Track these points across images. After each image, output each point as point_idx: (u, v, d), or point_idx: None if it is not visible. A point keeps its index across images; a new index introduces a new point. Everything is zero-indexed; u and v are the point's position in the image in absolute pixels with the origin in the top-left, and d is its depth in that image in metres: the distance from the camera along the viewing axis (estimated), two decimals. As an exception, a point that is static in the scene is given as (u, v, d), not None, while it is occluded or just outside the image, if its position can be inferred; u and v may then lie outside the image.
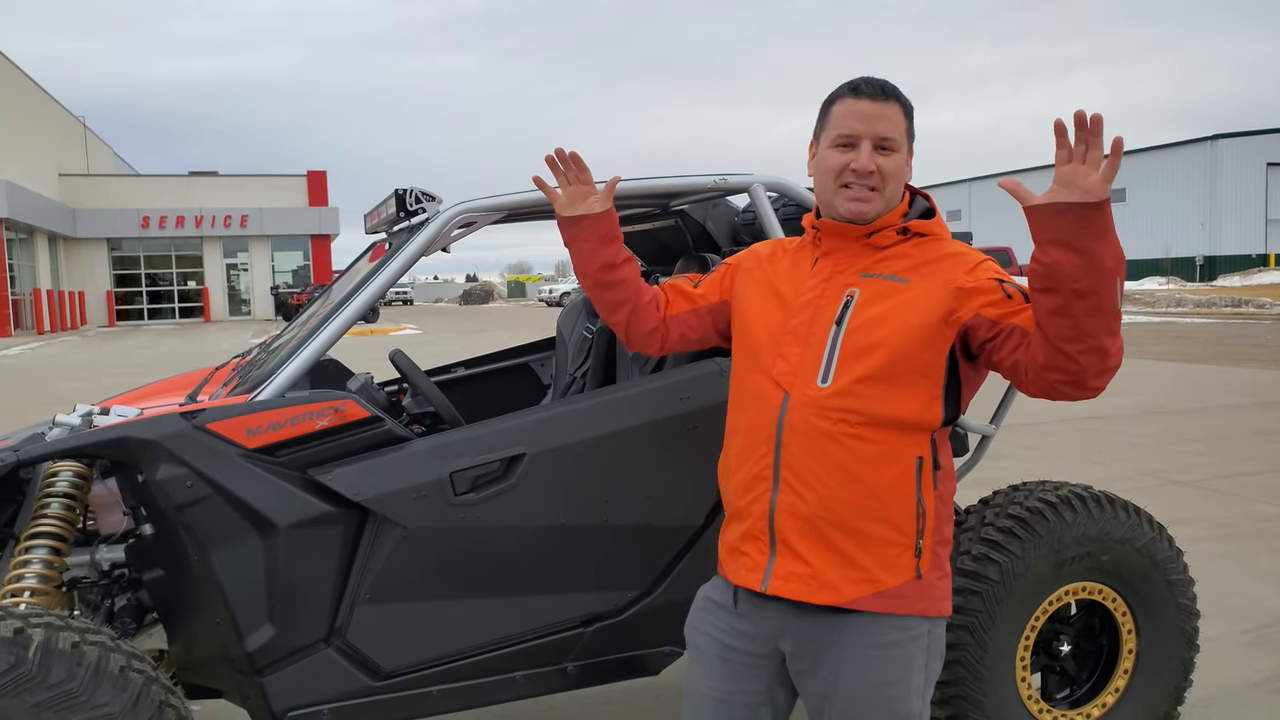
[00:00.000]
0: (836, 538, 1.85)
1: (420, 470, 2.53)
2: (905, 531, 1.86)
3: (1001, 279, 1.88)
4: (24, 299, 34.44)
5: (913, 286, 1.88)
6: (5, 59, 34.69)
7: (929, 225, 1.96)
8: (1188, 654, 2.90)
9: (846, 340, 1.87)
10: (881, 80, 1.91)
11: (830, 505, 1.85)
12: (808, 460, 1.86)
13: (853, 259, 1.96)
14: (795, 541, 1.88)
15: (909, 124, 1.93)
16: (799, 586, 1.87)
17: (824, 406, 1.85)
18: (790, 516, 1.88)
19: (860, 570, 1.85)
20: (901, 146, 1.91)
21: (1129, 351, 16.53)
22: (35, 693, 1.93)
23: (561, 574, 2.67)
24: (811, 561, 1.86)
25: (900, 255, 1.93)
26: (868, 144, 1.88)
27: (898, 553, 1.86)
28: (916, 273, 1.90)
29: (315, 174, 45.24)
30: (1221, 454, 7.82)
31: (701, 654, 2.02)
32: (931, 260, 1.92)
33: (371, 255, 3.65)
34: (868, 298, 1.90)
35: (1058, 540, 2.70)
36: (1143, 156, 46.64)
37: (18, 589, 2.40)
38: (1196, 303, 29.72)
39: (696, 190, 2.97)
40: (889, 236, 1.94)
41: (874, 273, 1.92)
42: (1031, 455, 7.95)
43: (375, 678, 2.56)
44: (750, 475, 1.94)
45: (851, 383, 1.84)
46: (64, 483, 2.68)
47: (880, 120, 1.88)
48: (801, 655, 1.91)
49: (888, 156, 1.89)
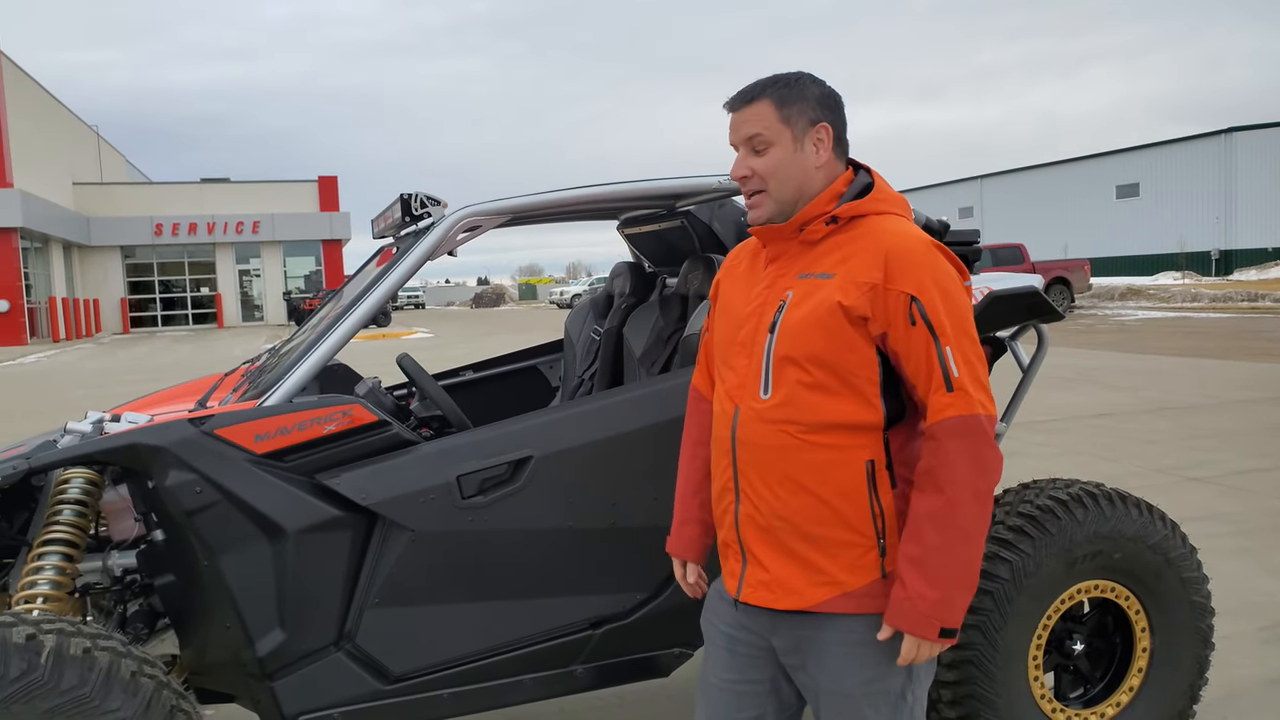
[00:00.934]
0: (795, 544, 1.85)
1: (428, 474, 2.54)
2: (864, 533, 1.83)
3: (915, 295, 1.76)
4: (39, 307, 34.66)
5: (834, 282, 1.81)
6: (18, 70, 34.92)
7: (860, 205, 1.86)
8: (1202, 652, 2.88)
9: (777, 347, 1.84)
10: (754, 83, 1.89)
11: (783, 515, 1.85)
12: (759, 472, 1.86)
13: (793, 260, 1.91)
14: (758, 550, 1.89)
15: (787, 109, 1.84)
16: (765, 594, 1.89)
17: (767, 419, 1.84)
18: (750, 526, 1.90)
19: (822, 574, 1.84)
20: (777, 139, 1.84)
21: (1142, 347, 16.45)
22: (47, 698, 1.95)
23: (570, 576, 2.67)
24: (772, 569, 1.88)
25: (833, 248, 1.86)
26: (742, 150, 1.88)
27: (859, 554, 1.84)
28: (843, 266, 1.82)
29: (326, 179, 45.43)
30: (1236, 450, 7.76)
31: (712, 645, 2.05)
32: (857, 251, 1.82)
33: (379, 260, 3.66)
34: (797, 300, 1.85)
35: (1069, 538, 2.68)
36: (1156, 150, 46.34)
37: (31, 595, 2.41)
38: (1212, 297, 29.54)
39: (701, 191, 2.97)
40: (818, 229, 1.87)
41: (809, 272, 1.86)
42: (1044, 452, 7.92)
43: (385, 681, 2.57)
44: (719, 487, 1.97)
45: (788, 393, 1.82)
46: (76, 489, 2.69)
47: (743, 125, 1.87)
48: (790, 652, 1.93)
49: (761, 155, 1.86)
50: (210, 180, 46.47)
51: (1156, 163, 46.41)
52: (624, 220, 3.86)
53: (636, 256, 4.10)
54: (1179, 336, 18.45)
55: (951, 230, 3.00)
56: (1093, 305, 30.95)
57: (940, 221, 2.91)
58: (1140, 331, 20.22)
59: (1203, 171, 44.16)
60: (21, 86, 35.17)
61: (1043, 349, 3.21)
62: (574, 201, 2.90)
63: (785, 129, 1.85)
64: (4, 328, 31.60)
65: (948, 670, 2.65)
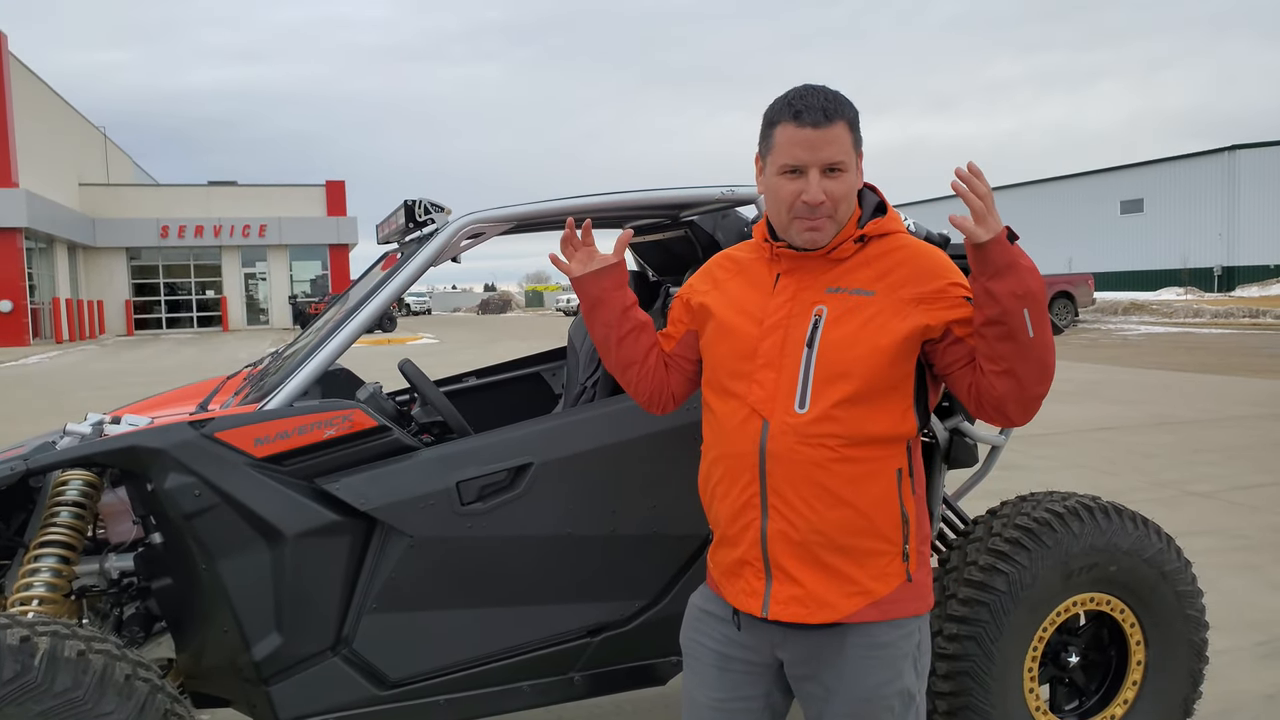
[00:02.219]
0: (829, 557, 1.85)
1: (427, 480, 2.54)
2: (893, 540, 1.87)
3: (960, 283, 1.89)
4: (43, 308, 34.72)
5: (879, 300, 1.85)
6: (26, 70, 35.06)
7: (884, 224, 1.92)
8: (1196, 666, 2.88)
9: (820, 363, 1.84)
10: (823, 97, 1.81)
11: (820, 528, 1.84)
12: (794, 486, 1.84)
13: (816, 275, 1.91)
14: (789, 566, 1.87)
15: (855, 135, 1.84)
16: (798, 610, 1.87)
17: (805, 433, 1.83)
18: (782, 542, 1.87)
19: (854, 584, 1.86)
20: (850, 164, 1.84)
21: (1145, 362, 16.44)
22: (40, 701, 1.94)
23: (568, 584, 2.68)
24: (807, 584, 1.86)
25: (862, 264, 1.89)
26: (815, 173, 1.81)
27: (887, 561, 1.87)
28: (881, 282, 1.87)
29: (334, 184, 45.53)
30: (1238, 465, 7.75)
31: (699, 664, 2.02)
32: (893, 267, 1.88)
33: (384, 265, 3.67)
34: (836, 315, 1.86)
35: (1065, 551, 2.68)
36: (1160, 167, 46.37)
37: (26, 597, 2.41)
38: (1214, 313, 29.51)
39: (705, 201, 2.98)
40: (848, 248, 1.90)
41: (839, 287, 1.88)
42: (1045, 465, 7.91)
43: (382, 687, 2.57)
44: (739, 503, 1.91)
45: (830, 407, 1.82)
46: (74, 491, 2.70)
47: (826, 146, 1.80)
48: (800, 663, 1.92)
49: (837, 179, 1.82)
50: (217, 183, 46.61)
51: (1161, 179, 46.43)
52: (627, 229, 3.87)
53: (640, 265, 4.10)
54: (1181, 352, 18.43)
55: (951, 244, 3.01)
56: (1096, 320, 30.93)
57: (941, 235, 2.92)
58: (1143, 346, 20.20)
59: (1206, 188, 44.16)
60: (29, 86, 35.31)
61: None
62: (578, 209, 2.91)
63: (854, 154, 1.85)
64: (7, 328, 31.66)
65: (943, 681, 2.65)
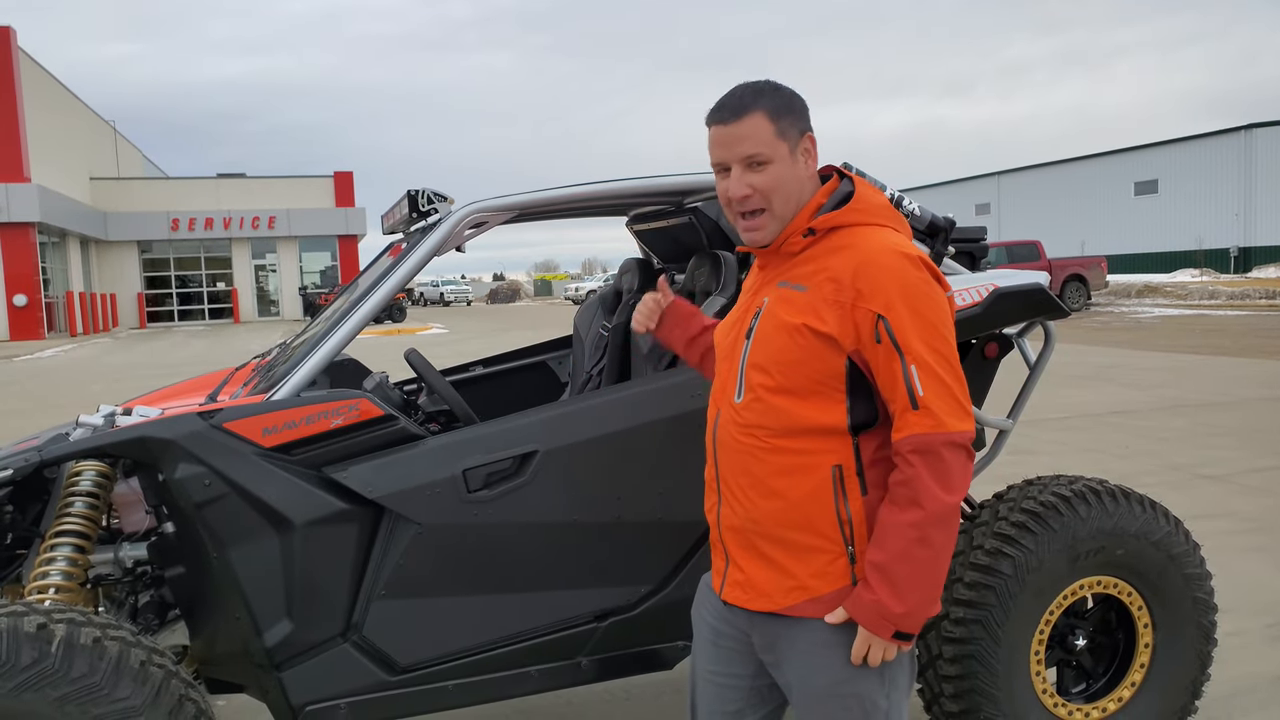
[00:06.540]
0: (765, 547, 1.87)
1: (434, 468, 2.56)
2: (832, 539, 1.82)
3: (881, 314, 1.74)
4: (57, 302, 34.93)
5: (809, 295, 1.81)
6: (37, 65, 35.18)
7: (836, 218, 1.84)
8: (1204, 648, 2.88)
9: (750, 354, 1.86)
10: (740, 93, 1.81)
11: (754, 518, 1.87)
12: (735, 475, 1.90)
13: (775, 269, 1.92)
14: (734, 551, 1.93)
15: (779, 124, 1.80)
16: (740, 594, 1.92)
17: (739, 422, 1.87)
18: (728, 528, 1.93)
19: (792, 578, 1.85)
20: (775, 154, 1.80)
21: (1160, 344, 16.36)
22: (58, 686, 1.98)
23: (575, 570, 2.70)
24: (747, 571, 1.90)
25: (809, 258, 1.85)
26: (736, 168, 1.82)
27: (828, 560, 1.83)
28: (814, 279, 1.82)
29: (342, 175, 45.61)
30: (1252, 448, 7.72)
31: (699, 637, 2.08)
32: (829, 265, 1.81)
33: (390, 254, 3.69)
34: (770, 308, 1.86)
35: (1072, 534, 2.69)
36: (1175, 147, 45.96)
37: (43, 585, 2.45)
38: (1230, 294, 29.33)
39: (709, 187, 2.98)
40: (796, 241, 1.86)
41: (786, 280, 1.87)
42: (1058, 449, 7.90)
43: (391, 672, 2.59)
44: (709, 488, 2.01)
45: (755, 399, 1.84)
46: (87, 482, 2.73)
47: (740, 141, 1.79)
48: (765, 649, 1.94)
49: (761, 172, 1.80)
50: (227, 175, 46.72)
51: (1176, 159, 46.04)
52: (633, 216, 3.88)
53: (645, 253, 4.11)
54: (1196, 334, 18.34)
55: (958, 227, 3.00)
56: (1109, 302, 30.77)
57: (946, 218, 2.91)
58: (1157, 329, 20.10)
59: (1222, 168, 43.78)
60: (39, 82, 35.43)
61: (1049, 346, 3.21)
62: (581, 197, 2.92)
63: (781, 142, 1.81)
64: (22, 322, 31.89)
65: (950, 664, 2.66)
